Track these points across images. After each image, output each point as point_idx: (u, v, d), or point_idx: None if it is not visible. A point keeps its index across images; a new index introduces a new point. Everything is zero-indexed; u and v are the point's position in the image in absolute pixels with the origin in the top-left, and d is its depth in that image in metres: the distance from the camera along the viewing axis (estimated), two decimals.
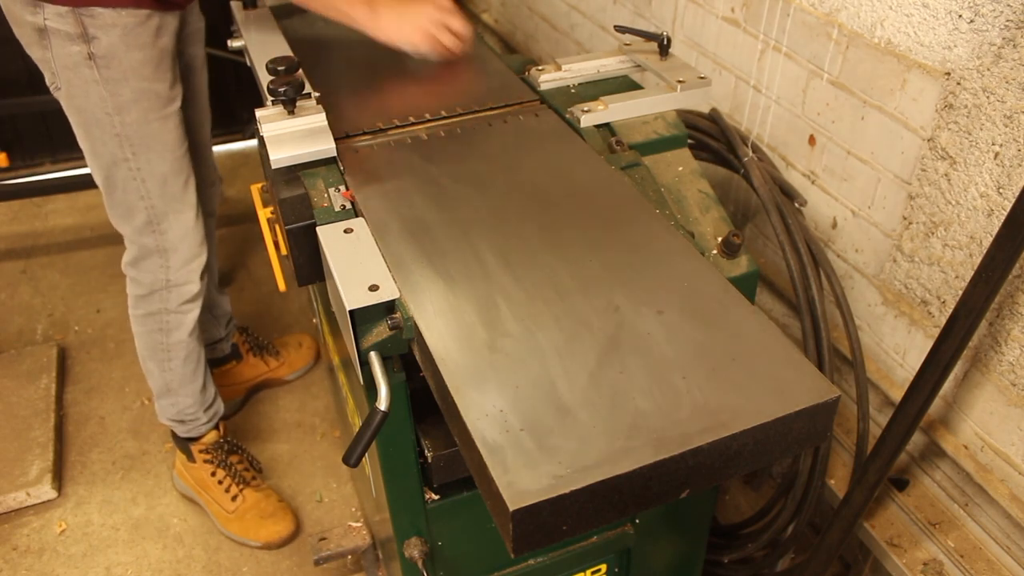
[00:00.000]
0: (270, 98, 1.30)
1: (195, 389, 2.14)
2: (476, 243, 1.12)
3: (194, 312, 2.02)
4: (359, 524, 1.97)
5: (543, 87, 1.50)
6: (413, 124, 1.42)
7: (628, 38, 1.57)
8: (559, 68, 1.52)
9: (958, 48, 1.28)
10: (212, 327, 2.43)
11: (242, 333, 2.62)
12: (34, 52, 1.67)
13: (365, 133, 1.40)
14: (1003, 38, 1.20)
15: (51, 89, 1.72)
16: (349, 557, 2.05)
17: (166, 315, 2.00)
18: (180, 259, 1.93)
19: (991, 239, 1.15)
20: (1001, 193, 1.27)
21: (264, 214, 1.58)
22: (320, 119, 1.31)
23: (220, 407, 2.25)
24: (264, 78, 1.34)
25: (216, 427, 2.26)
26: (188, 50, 1.92)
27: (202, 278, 1.98)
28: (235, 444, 2.32)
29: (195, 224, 1.91)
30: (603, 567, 1.54)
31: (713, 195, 1.33)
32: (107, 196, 1.84)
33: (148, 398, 2.58)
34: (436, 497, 1.33)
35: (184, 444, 2.24)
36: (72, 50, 1.62)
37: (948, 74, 1.31)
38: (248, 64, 1.67)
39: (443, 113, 1.44)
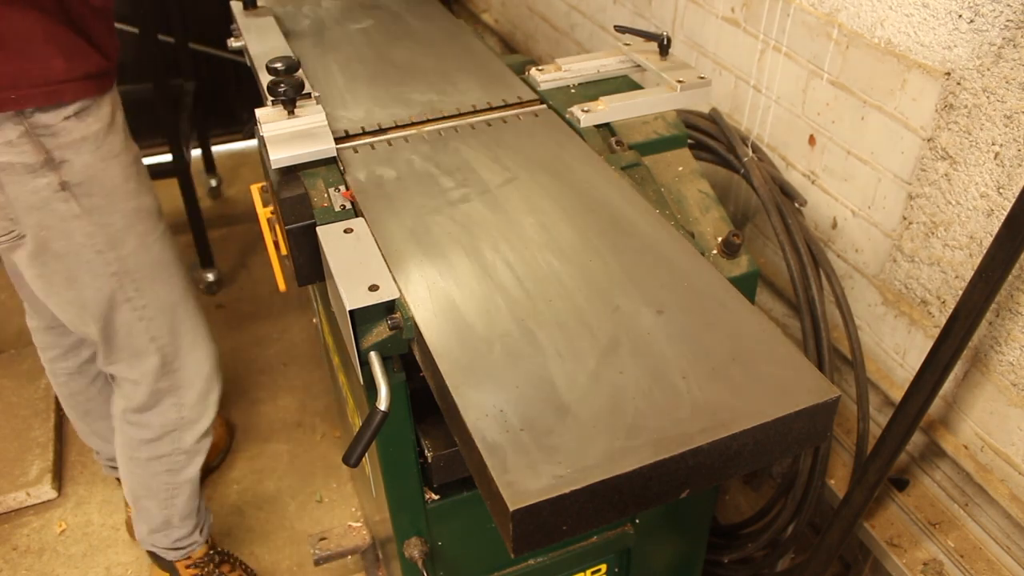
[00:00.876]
0: (270, 98, 1.30)
1: (194, 516, 1.89)
2: (476, 243, 1.12)
3: (207, 444, 1.76)
4: (359, 524, 1.97)
5: (543, 87, 1.50)
6: (413, 124, 1.42)
7: (628, 38, 1.57)
8: (559, 68, 1.52)
9: (958, 48, 1.28)
10: None
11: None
12: None
13: (365, 133, 1.40)
14: (1003, 38, 1.20)
15: (5, 241, 1.34)
16: (349, 557, 2.05)
17: (178, 455, 1.72)
18: (196, 394, 1.66)
19: (991, 239, 1.15)
20: (1001, 193, 1.27)
21: (264, 214, 1.58)
22: (320, 119, 1.31)
23: (210, 516, 2.00)
24: (264, 78, 1.34)
25: (206, 540, 1.99)
26: None
27: (217, 407, 1.73)
28: (226, 553, 2.06)
29: (210, 350, 1.66)
30: (603, 567, 1.54)
31: (713, 195, 1.33)
32: (105, 345, 1.52)
33: None
34: (436, 497, 1.33)
35: (170, 566, 1.96)
36: (37, 184, 1.29)
37: (948, 74, 1.31)
38: (248, 64, 1.66)
39: (443, 113, 1.44)
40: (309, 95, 1.36)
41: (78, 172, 1.32)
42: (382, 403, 1.01)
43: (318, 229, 1.15)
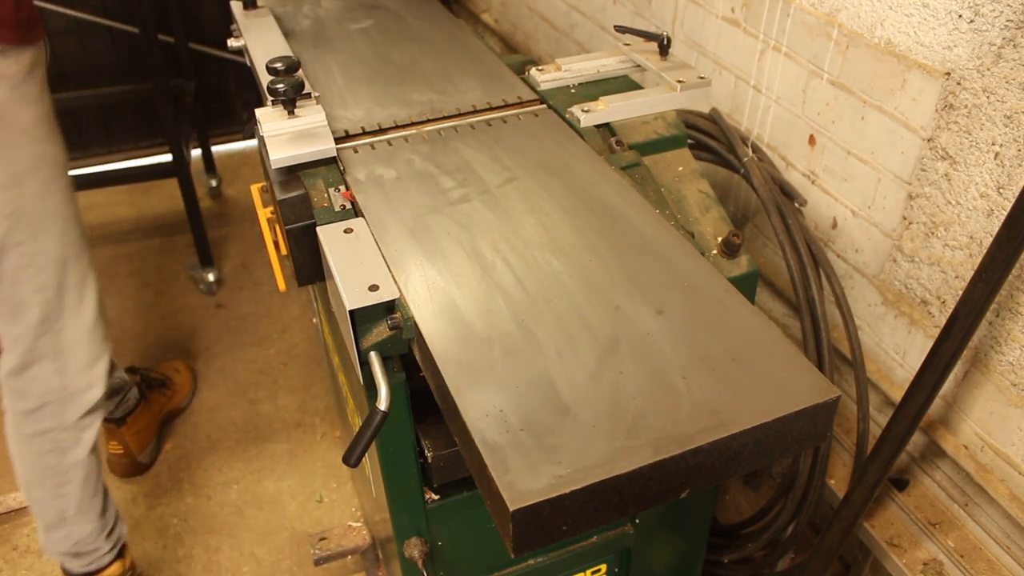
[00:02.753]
0: (270, 98, 1.30)
1: (95, 514, 1.77)
2: (476, 243, 1.12)
3: (96, 425, 1.69)
4: (359, 524, 1.97)
5: (543, 87, 1.50)
6: (413, 124, 1.42)
7: (628, 38, 1.57)
8: (559, 68, 1.52)
9: (958, 48, 1.28)
10: (116, 381, 2.19)
11: (135, 372, 2.43)
12: None
13: (365, 133, 1.40)
14: (1003, 38, 1.20)
15: None
16: (349, 557, 2.05)
17: (61, 432, 1.64)
18: (80, 361, 1.60)
19: (991, 239, 1.15)
20: (1001, 193, 1.27)
21: (264, 214, 1.58)
22: (320, 119, 1.31)
23: (123, 530, 1.89)
24: (264, 78, 1.34)
25: (120, 555, 1.87)
26: None
27: (106, 380, 1.68)
28: None
29: (98, 316, 1.61)
30: (603, 567, 1.54)
31: (713, 195, 1.33)
32: None
33: None
34: (436, 497, 1.33)
35: None
36: None
37: (948, 74, 1.31)
38: (248, 64, 1.66)
39: (443, 113, 1.44)
40: (309, 95, 1.36)
41: None
42: (382, 403, 1.01)
43: (318, 229, 1.15)
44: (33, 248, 1.47)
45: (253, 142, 3.88)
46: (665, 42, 1.49)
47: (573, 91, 1.50)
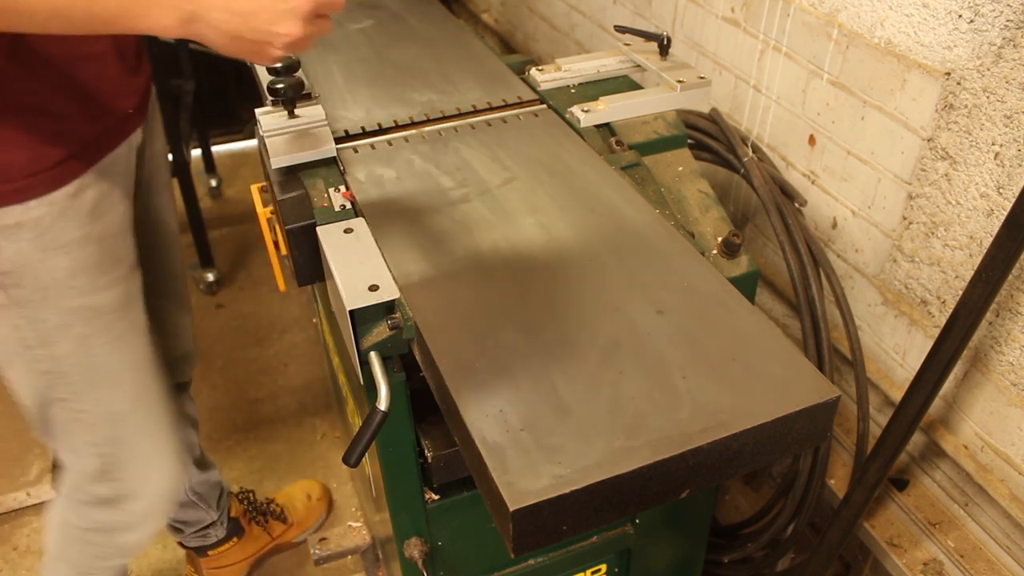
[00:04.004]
0: (270, 98, 1.30)
1: None
2: (476, 243, 1.12)
3: (142, 543, 1.51)
4: (359, 524, 1.96)
5: (543, 87, 1.50)
6: (413, 124, 1.42)
7: (628, 38, 1.57)
8: (559, 68, 1.52)
9: (958, 48, 1.28)
10: (198, 512, 1.89)
11: (241, 500, 2.08)
12: None
13: (365, 133, 1.40)
14: (1003, 38, 1.20)
15: None
16: (349, 557, 2.05)
17: (109, 548, 1.48)
18: (143, 508, 1.41)
19: (991, 239, 1.15)
20: (1001, 193, 1.27)
21: (264, 214, 1.57)
22: (320, 119, 1.31)
23: None
24: (264, 78, 1.34)
25: None
26: (149, 201, 1.45)
27: (165, 517, 1.51)
28: None
29: (172, 471, 1.40)
30: (603, 567, 1.54)
31: (713, 195, 1.33)
32: (42, 429, 1.32)
33: None
34: (436, 497, 1.33)
35: None
36: None
37: (948, 74, 1.31)
38: (248, 64, 1.66)
39: (443, 113, 1.44)
40: (309, 95, 1.36)
41: (7, 260, 1.12)
42: (382, 403, 1.01)
43: (318, 229, 1.15)
44: (80, 406, 1.28)
45: (253, 142, 3.88)
46: (665, 42, 1.49)
47: (573, 91, 1.50)
